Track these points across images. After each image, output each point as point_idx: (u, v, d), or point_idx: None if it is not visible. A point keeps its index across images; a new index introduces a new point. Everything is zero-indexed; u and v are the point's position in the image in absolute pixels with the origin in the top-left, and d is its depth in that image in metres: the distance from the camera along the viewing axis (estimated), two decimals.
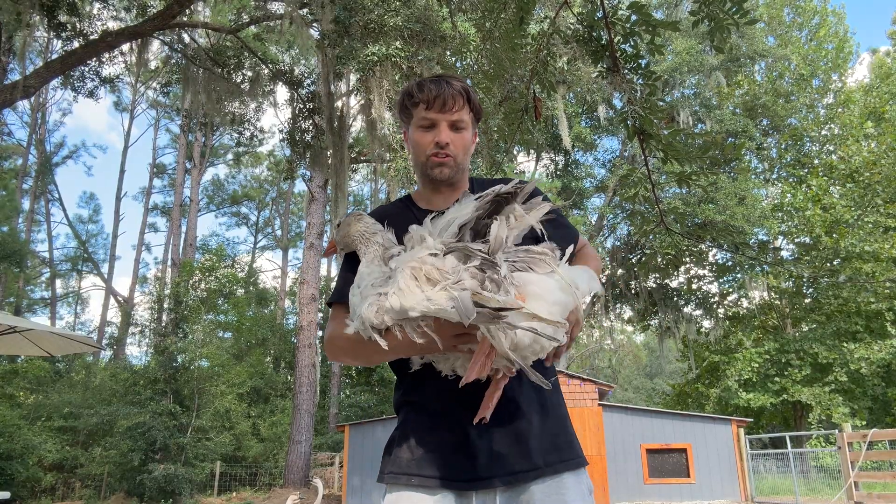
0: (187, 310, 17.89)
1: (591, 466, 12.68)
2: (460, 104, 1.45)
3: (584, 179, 24.71)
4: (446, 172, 1.45)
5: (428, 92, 1.44)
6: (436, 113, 1.44)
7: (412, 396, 1.38)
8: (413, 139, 1.49)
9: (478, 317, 1.00)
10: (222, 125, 18.07)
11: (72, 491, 16.54)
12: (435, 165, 1.45)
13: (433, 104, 1.44)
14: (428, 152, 1.46)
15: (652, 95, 2.75)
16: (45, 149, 29.72)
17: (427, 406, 1.35)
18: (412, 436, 1.34)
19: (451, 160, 1.46)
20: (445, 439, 1.30)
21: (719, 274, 22.07)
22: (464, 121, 1.47)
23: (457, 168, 1.48)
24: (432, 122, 1.45)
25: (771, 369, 19.37)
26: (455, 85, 1.45)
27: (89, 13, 10.92)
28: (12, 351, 7.65)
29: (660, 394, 28.60)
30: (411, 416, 1.37)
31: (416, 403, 1.37)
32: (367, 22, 9.65)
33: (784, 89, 22.05)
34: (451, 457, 1.28)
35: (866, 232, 18.52)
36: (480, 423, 1.23)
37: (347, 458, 13.21)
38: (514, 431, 1.29)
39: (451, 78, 1.48)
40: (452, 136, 1.46)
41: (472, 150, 1.55)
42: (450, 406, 1.30)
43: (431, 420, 1.33)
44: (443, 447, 1.30)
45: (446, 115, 1.44)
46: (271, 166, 35.10)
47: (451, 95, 1.43)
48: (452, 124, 1.46)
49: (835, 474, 13.94)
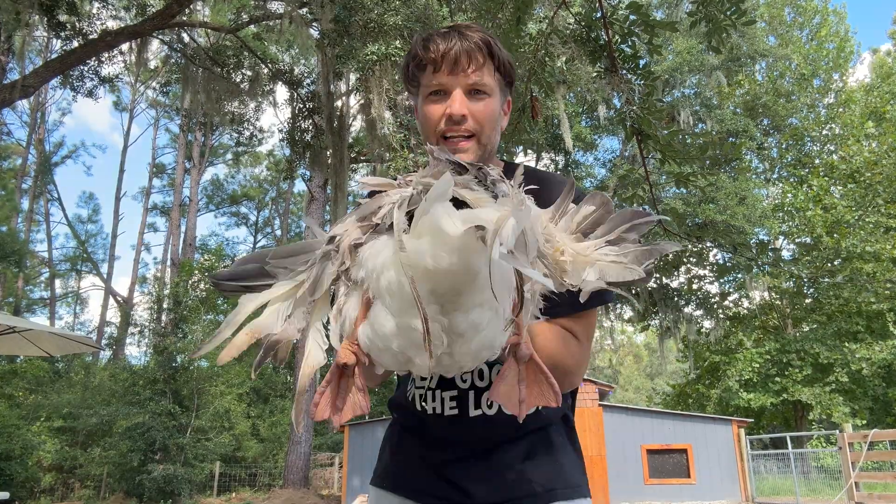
0: (186, 310, 17.88)
1: (592, 467, 12.72)
2: (479, 62, 1.09)
3: (584, 179, 24.70)
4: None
5: (435, 49, 1.09)
6: (446, 76, 1.09)
7: (400, 399, 1.26)
8: (422, 113, 1.14)
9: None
10: (222, 125, 18.07)
11: (71, 491, 16.53)
12: (450, 151, 1.02)
13: (441, 65, 1.09)
14: (440, 130, 1.11)
15: (650, 96, 2.73)
16: (45, 148, 29.72)
17: (409, 415, 1.23)
18: (394, 441, 1.26)
19: (473, 142, 1.11)
20: (419, 453, 1.19)
21: (720, 274, 22.05)
22: (486, 84, 1.11)
23: (481, 150, 1.12)
24: (443, 88, 1.11)
25: (772, 369, 19.35)
26: (471, 36, 1.10)
27: (88, 13, 10.91)
28: (12, 351, 7.64)
29: (660, 394, 28.59)
30: (398, 419, 1.29)
31: (401, 409, 1.27)
32: (367, 21, 9.65)
33: (785, 89, 22.03)
34: (427, 473, 1.16)
35: (867, 232, 18.49)
36: (458, 450, 1.12)
37: (347, 458, 13.19)
38: (492, 456, 1.12)
39: (465, 28, 1.12)
40: (471, 105, 1.10)
41: (503, 124, 1.20)
42: (432, 419, 1.16)
43: (411, 431, 1.23)
44: (419, 462, 1.19)
45: (460, 77, 1.09)
46: (271, 166, 35.07)
47: (465, 51, 1.08)
48: (470, 89, 1.10)
49: (835, 475, 13.91)
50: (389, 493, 1.20)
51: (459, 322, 0.72)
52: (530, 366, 0.80)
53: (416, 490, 1.16)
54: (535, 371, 0.80)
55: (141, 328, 20.44)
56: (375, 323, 0.75)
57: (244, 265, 0.86)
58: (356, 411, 0.79)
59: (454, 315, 0.72)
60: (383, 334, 0.74)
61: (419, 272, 0.67)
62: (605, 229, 0.82)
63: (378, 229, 0.77)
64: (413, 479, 1.17)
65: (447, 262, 0.66)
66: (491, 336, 0.75)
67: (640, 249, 0.80)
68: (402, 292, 0.70)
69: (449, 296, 0.70)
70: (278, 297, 0.84)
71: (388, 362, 0.79)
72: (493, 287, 0.65)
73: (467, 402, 1.12)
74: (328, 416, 0.78)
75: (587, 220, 0.82)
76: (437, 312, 0.71)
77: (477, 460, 1.12)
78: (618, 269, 0.79)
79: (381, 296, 0.74)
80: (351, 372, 0.79)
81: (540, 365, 0.79)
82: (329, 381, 0.79)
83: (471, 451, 1.13)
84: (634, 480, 12.82)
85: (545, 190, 0.99)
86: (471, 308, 0.71)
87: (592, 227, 0.82)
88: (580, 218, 0.83)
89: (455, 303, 0.71)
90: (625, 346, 41.68)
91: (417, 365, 0.77)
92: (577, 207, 0.84)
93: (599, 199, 0.83)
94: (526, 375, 0.79)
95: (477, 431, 1.12)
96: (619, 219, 0.82)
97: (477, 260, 0.66)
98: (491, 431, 1.12)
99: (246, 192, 36.35)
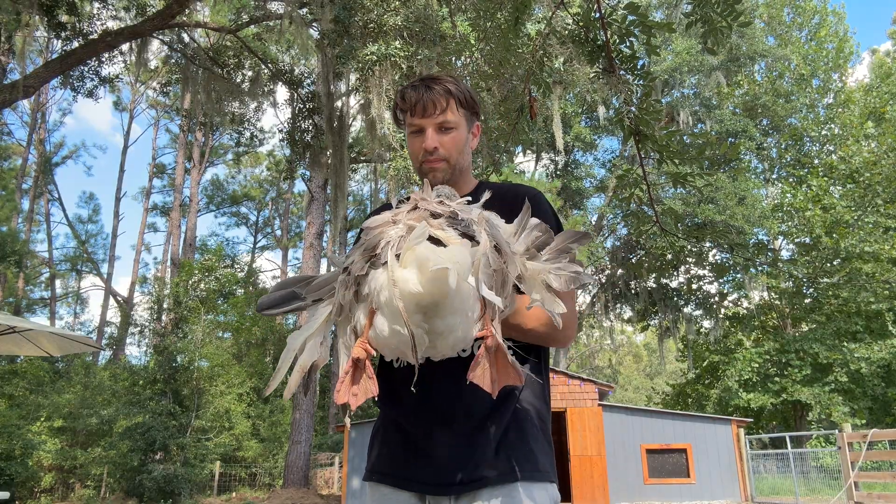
0: (187, 310, 17.89)
1: (591, 466, 12.75)
2: (443, 105, 1.44)
3: (583, 179, 24.72)
4: (439, 176, 1.44)
5: (409, 99, 1.45)
6: (419, 118, 1.45)
7: (386, 392, 1.38)
8: (408, 145, 1.51)
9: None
10: (222, 125, 18.08)
11: (71, 491, 16.55)
12: (427, 171, 1.45)
13: (416, 110, 1.45)
14: (420, 158, 1.46)
15: (648, 96, 2.75)
16: (45, 149, 29.72)
17: (391, 404, 1.38)
18: (381, 435, 1.41)
19: (444, 163, 1.45)
20: (402, 440, 1.35)
21: (719, 274, 22.07)
22: (450, 121, 1.45)
23: (451, 169, 1.47)
24: (419, 127, 1.46)
25: (771, 369, 19.36)
26: (436, 88, 1.44)
27: (89, 13, 10.92)
28: (12, 351, 7.64)
29: (660, 394, 28.59)
30: (382, 412, 1.44)
31: (384, 399, 1.39)
32: (367, 21, 9.66)
33: (784, 89, 22.05)
34: (407, 459, 1.32)
35: (866, 232, 18.50)
36: (435, 429, 1.28)
37: (347, 458, 13.20)
38: (469, 440, 1.28)
39: (433, 81, 1.47)
40: (441, 138, 1.45)
41: (471, 145, 1.53)
42: (409, 407, 1.32)
43: (394, 420, 1.38)
44: (401, 448, 1.35)
45: (430, 119, 1.44)
46: (271, 166, 35.06)
47: (430, 100, 1.43)
48: (439, 126, 1.45)
49: (835, 474, 13.92)
50: (378, 484, 1.36)
51: (438, 325, 0.99)
52: (498, 354, 1.03)
53: (401, 478, 1.33)
54: (503, 357, 1.02)
55: (141, 328, 20.46)
56: (377, 327, 1.02)
57: (277, 292, 1.16)
58: (368, 395, 1.03)
59: (434, 321, 0.98)
60: (383, 336, 1.01)
61: (406, 293, 0.95)
62: (552, 246, 1.10)
63: (377, 260, 1.02)
64: (398, 468, 1.34)
65: (426, 287, 0.94)
66: (464, 333, 1.02)
67: (570, 275, 1.07)
68: (393, 308, 0.96)
69: (429, 307, 0.97)
70: (312, 333, 1.13)
71: (390, 355, 1.07)
72: (457, 302, 0.97)
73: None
74: (346, 400, 1.01)
75: (538, 241, 1.10)
76: (422, 320, 0.98)
77: (452, 441, 1.29)
78: (559, 282, 1.07)
79: (380, 308, 1.01)
80: (363, 364, 1.03)
81: (506, 353, 1.02)
82: (347, 371, 1.03)
83: (444, 418, 1.29)
84: (634, 480, 12.83)
85: (510, 203, 1.31)
86: (446, 315, 0.98)
87: (541, 246, 1.10)
88: (532, 238, 1.10)
89: (434, 312, 0.97)
90: (624, 345, 41.69)
91: (410, 356, 1.02)
92: (529, 230, 1.11)
93: (543, 227, 1.11)
94: (496, 361, 1.03)
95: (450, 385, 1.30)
96: (563, 237, 1.11)
97: (444, 285, 0.93)
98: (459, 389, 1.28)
99: (246, 193, 36.35)
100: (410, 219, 1.04)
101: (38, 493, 15.81)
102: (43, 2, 9.16)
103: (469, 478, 1.26)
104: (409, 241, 0.98)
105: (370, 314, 1.03)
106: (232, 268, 28.44)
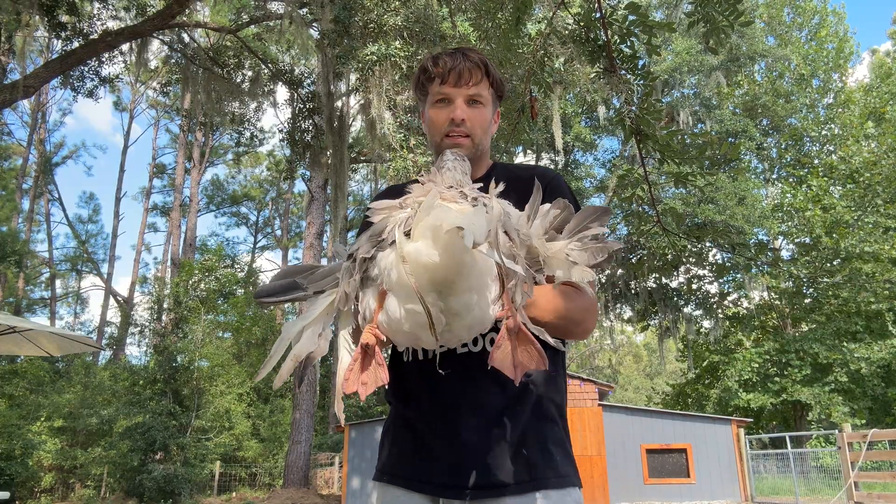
0: (187, 310, 17.89)
1: (591, 466, 12.75)
2: (478, 77, 1.35)
3: (583, 179, 24.72)
4: (461, 153, 1.27)
5: (443, 65, 1.34)
6: (451, 87, 1.34)
7: (396, 389, 1.34)
8: (428, 117, 1.39)
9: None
10: (222, 125, 18.07)
11: (71, 491, 16.55)
12: (450, 145, 1.32)
13: (448, 78, 1.34)
14: (443, 130, 1.35)
15: (649, 96, 2.75)
16: (45, 149, 29.72)
17: (402, 402, 1.32)
18: (391, 433, 1.34)
19: (468, 140, 1.35)
20: (413, 439, 1.27)
21: (719, 274, 22.06)
22: (482, 95, 1.36)
23: (474, 148, 1.36)
24: (448, 97, 1.35)
25: (771, 369, 19.36)
26: (472, 57, 1.35)
27: (89, 13, 10.92)
28: (12, 351, 7.64)
29: (660, 394, 28.60)
30: (392, 410, 1.37)
31: (394, 396, 1.34)
32: (367, 21, 9.66)
33: (784, 89, 22.05)
34: (419, 459, 1.25)
35: (866, 232, 18.50)
36: (448, 428, 1.20)
37: (347, 458, 13.20)
38: (484, 439, 1.20)
39: (468, 50, 1.38)
40: (469, 112, 1.35)
41: (492, 130, 1.45)
42: (421, 405, 1.26)
43: (405, 419, 1.31)
44: (413, 449, 1.27)
45: (462, 89, 1.34)
46: (271, 166, 35.06)
47: (467, 68, 1.33)
48: (469, 99, 1.35)
49: (835, 474, 13.92)
50: (389, 485, 1.29)
51: (453, 304, 0.91)
52: (520, 336, 0.95)
53: (412, 479, 1.25)
54: (525, 340, 0.95)
55: (141, 328, 20.46)
56: (389, 310, 0.94)
57: (278, 281, 1.06)
58: (378, 383, 0.96)
59: (449, 299, 0.91)
60: (396, 319, 0.93)
61: (419, 268, 0.88)
62: (572, 225, 1.03)
63: (384, 242, 0.96)
64: (409, 468, 1.27)
65: (438, 257, 0.86)
66: (481, 313, 0.95)
67: (596, 246, 1.01)
68: (405, 285, 0.90)
69: (444, 284, 0.89)
70: (311, 322, 1.04)
71: (402, 340, 1.00)
72: (474, 277, 0.88)
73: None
74: (355, 389, 0.95)
75: (557, 220, 1.04)
76: (437, 298, 0.90)
77: (466, 440, 1.20)
78: (584, 256, 1.01)
79: (391, 288, 0.93)
80: (372, 351, 0.97)
81: (528, 335, 0.95)
82: (355, 359, 0.97)
83: (456, 416, 1.21)
84: (634, 480, 12.83)
85: (525, 183, 1.20)
86: (462, 292, 0.91)
87: (562, 225, 1.04)
88: (551, 218, 1.04)
89: (449, 289, 0.90)
90: (624, 345, 41.70)
91: (425, 341, 0.96)
92: (546, 210, 1.04)
93: (562, 204, 1.04)
94: (518, 344, 0.95)
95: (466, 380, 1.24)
96: (583, 215, 1.04)
97: (460, 253, 0.86)
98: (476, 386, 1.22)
99: (246, 193, 36.36)
100: (420, 196, 0.98)
101: (38, 493, 15.81)
102: (43, 2, 9.16)
103: (485, 481, 1.18)
104: (419, 212, 0.91)
105: (380, 297, 0.96)
106: (232, 268, 28.41)
